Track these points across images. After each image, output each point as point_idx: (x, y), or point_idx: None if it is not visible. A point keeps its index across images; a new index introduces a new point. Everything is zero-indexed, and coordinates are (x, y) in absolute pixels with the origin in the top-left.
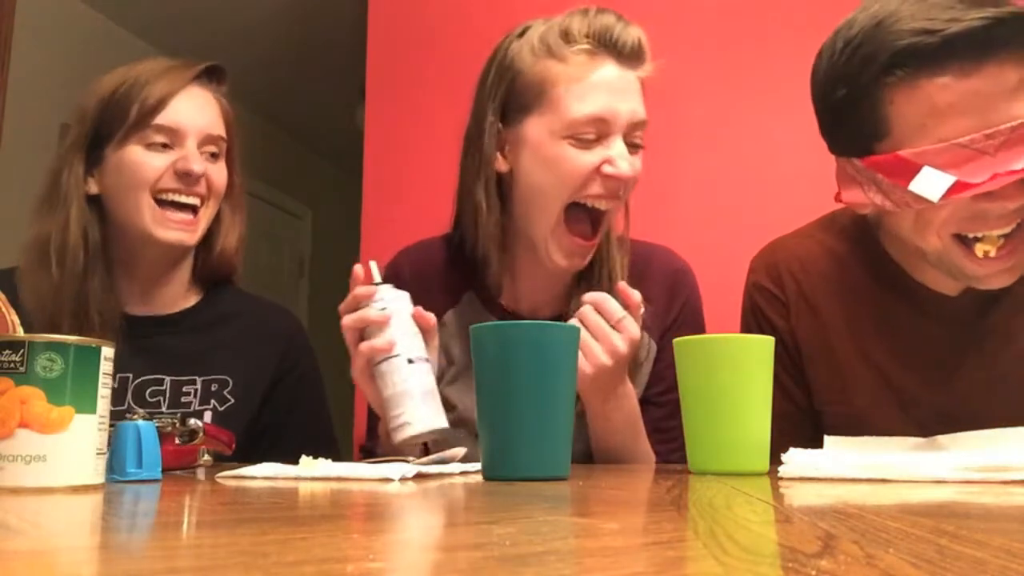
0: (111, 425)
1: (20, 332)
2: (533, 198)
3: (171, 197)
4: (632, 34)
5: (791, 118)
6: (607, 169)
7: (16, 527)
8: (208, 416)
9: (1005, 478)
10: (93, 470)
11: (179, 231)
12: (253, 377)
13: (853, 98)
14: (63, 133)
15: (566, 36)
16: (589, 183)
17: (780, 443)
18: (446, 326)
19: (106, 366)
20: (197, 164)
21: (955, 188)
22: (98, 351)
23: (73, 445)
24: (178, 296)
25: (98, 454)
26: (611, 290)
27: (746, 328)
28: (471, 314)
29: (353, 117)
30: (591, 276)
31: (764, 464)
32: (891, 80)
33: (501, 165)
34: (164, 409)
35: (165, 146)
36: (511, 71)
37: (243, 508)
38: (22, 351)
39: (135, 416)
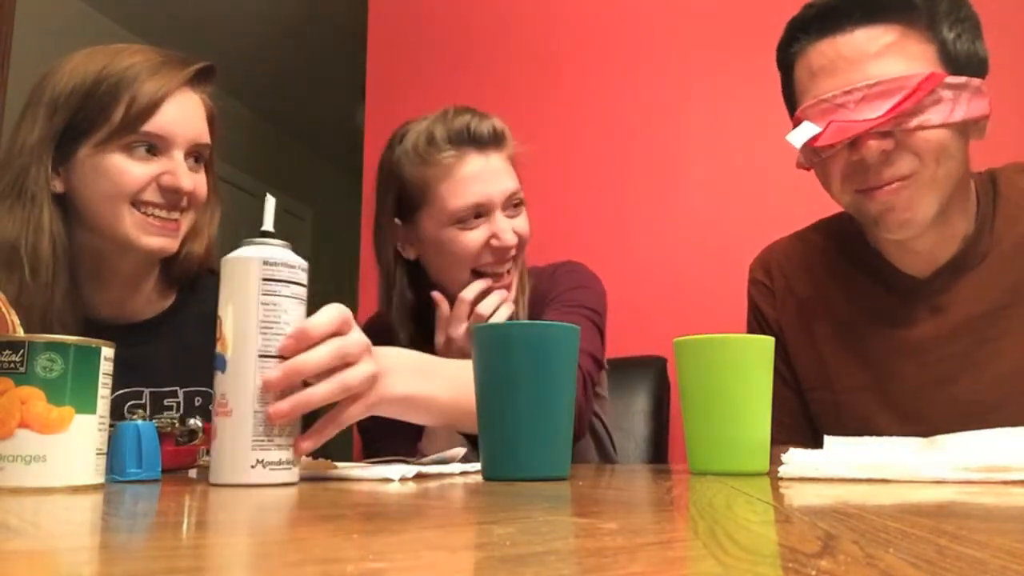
0: (110, 425)
1: (20, 332)
2: (440, 274)
3: (151, 211)
4: (486, 125)
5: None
6: (494, 243)
7: (16, 527)
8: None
9: (1005, 478)
10: (93, 470)
11: (162, 236)
12: None
13: (781, 76)
14: (24, 116)
15: (431, 142)
16: (481, 255)
17: (780, 430)
18: None
19: (106, 366)
20: (186, 180)
21: (814, 139)
22: (98, 351)
23: (73, 445)
24: (151, 301)
25: (98, 454)
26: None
27: (749, 324)
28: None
29: (353, 117)
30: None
31: (764, 464)
32: (792, 51)
33: (410, 253)
34: None
35: (150, 151)
36: (396, 179)
37: (242, 508)
38: (22, 351)
39: (135, 416)
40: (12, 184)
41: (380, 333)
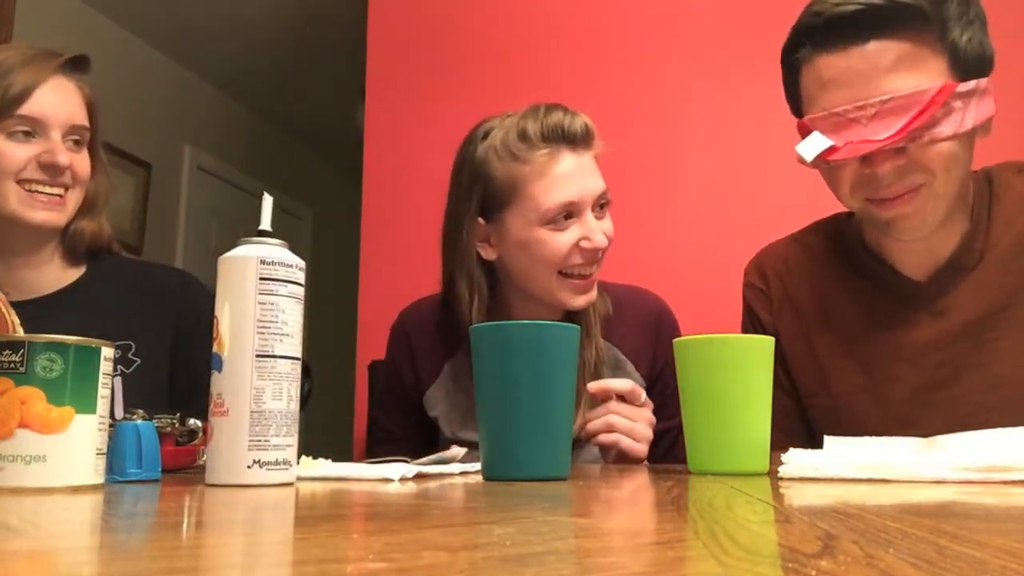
0: (109, 425)
1: (20, 332)
2: (523, 276)
3: (36, 188)
4: (579, 123)
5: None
6: (585, 244)
7: (16, 527)
8: (118, 382)
9: (1005, 478)
10: (93, 470)
11: (47, 211)
12: (154, 336)
13: (785, 74)
14: None
15: (524, 138)
16: (570, 257)
17: (778, 435)
18: (445, 373)
19: (106, 366)
20: (62, 156)
21: (827, 152)
22: (98, 351)
23: (73, 445)
24: (57, 275)
25: (98, 454)
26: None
27: (743, 326)
28: (466, 363)
29: (353, 117)
30: (578, 318)
31: (764, 464)
32: (799, 56)
33: (489, 254)
34: None
35: (28, 134)
36: (482, 176)
37: (242, 508)
38: (22, 351)
39: (135, 416)
40: None
41: (416, 324)
